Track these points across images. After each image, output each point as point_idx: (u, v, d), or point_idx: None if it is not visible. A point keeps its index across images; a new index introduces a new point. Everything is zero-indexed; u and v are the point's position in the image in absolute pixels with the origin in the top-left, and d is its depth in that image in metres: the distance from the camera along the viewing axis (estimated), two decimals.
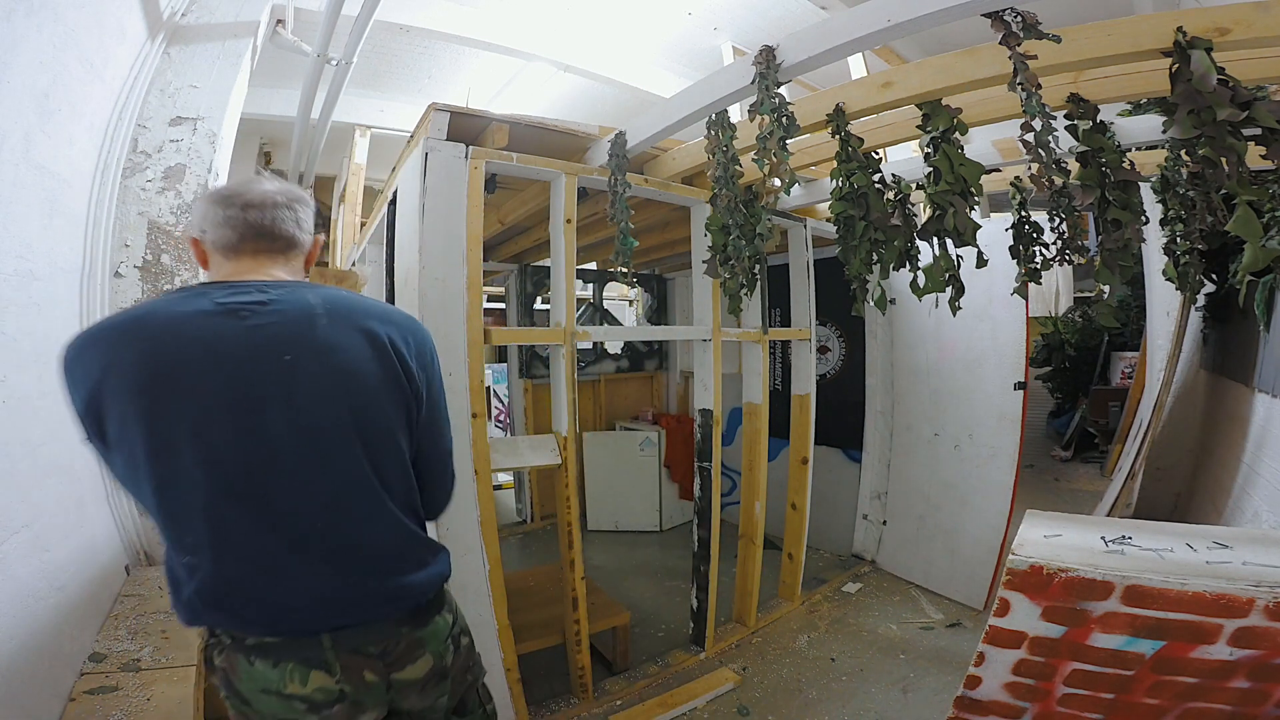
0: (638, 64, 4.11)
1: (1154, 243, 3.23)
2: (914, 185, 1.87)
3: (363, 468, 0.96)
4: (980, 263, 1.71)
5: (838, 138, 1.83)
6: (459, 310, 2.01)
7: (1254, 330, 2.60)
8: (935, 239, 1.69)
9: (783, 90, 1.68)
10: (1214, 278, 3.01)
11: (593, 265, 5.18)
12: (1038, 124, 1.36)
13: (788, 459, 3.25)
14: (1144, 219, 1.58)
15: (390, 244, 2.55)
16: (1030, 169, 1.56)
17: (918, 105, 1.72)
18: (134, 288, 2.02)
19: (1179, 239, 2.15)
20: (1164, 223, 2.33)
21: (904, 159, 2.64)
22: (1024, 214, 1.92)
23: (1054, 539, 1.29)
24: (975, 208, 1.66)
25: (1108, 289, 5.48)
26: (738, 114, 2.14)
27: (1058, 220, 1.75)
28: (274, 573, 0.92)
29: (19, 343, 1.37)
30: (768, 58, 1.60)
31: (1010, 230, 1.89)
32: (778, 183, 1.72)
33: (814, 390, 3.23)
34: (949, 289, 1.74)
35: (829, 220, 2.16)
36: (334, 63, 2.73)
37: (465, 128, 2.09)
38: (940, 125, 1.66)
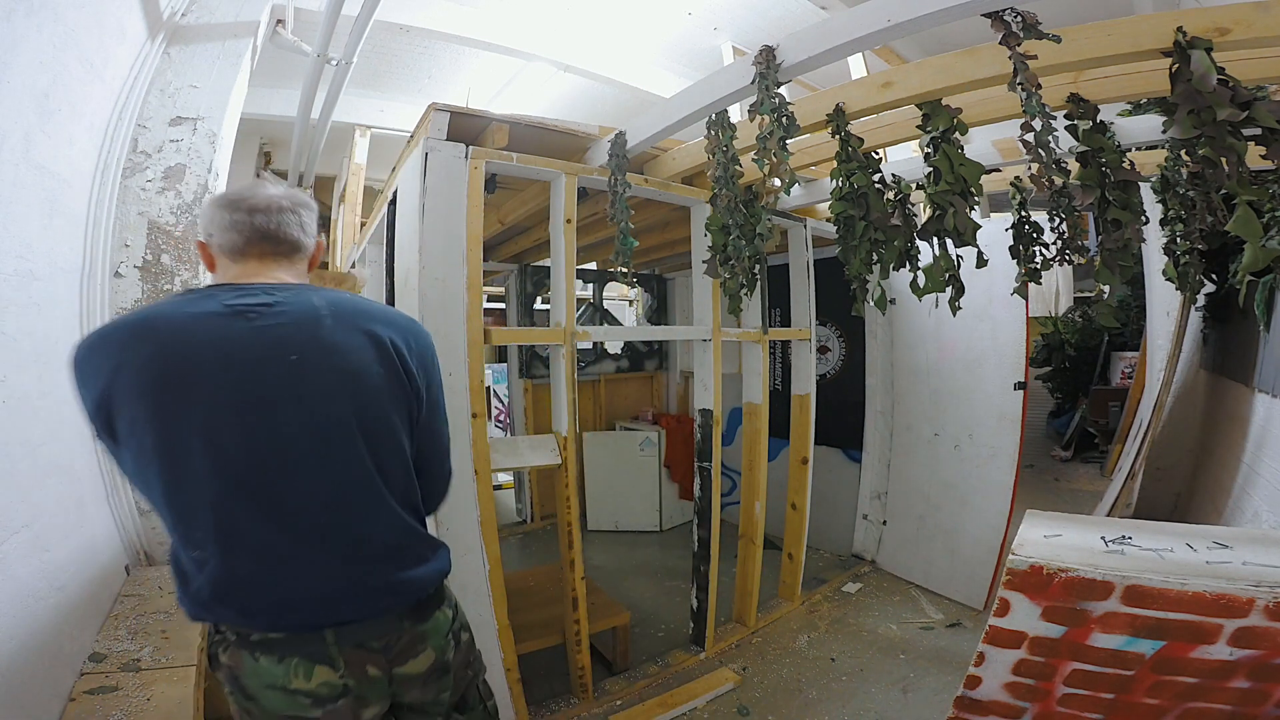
0: (638, 64, 4.11)
1: (1154, 243, 3.23)
2: (914, 185, 1.87)
3: (366, 465, 0.98)
4: (980, 263, 1.71)
5: (838, 138, 1.83)
6: (459, 310, 2.01)
7: (1254, 330, 2.60)
8: (935, 239, 1.69)
9: (783, 90, 1.68)
10: (1214, 278, 3.01)
11: (593, 265, 5.18)
12: (1038, 124, 1.36)
13: (788, 459, 3.24)
14: (1144, 219, 1.58)
15: (390, 244, 2.55)
16: (1030, 169, 1.56)
17: (918, 105, 1.72)
18: (134, 288, 2.02)
19: (1179, 239, 2.15)
20: (1164, 223, 2.33)
21: (904, 159, 2.64)
22: (1024, 214, 1.92)
23: (1054, 539, 1.29)
24: (975, 208, 1.66)
25: (1108, 289, 5.48)
26: (738, 114, 2.14)
27: (1058, 220, 1.75)
28: (279, 568, 0.94)
29: (19, 343, 1.37)
30: (768, 58, 1.60)
31: (1010, 230, 1.89)
32: (778, 183, 1.72)
33: (814, 390, 3.22)
34: (949, 289, 1.74)
35: (829, 220, 2.16)
36: (334, 63, 2.73)
37: (465, 128, 2.09)
38: (940, 125, 1.66)
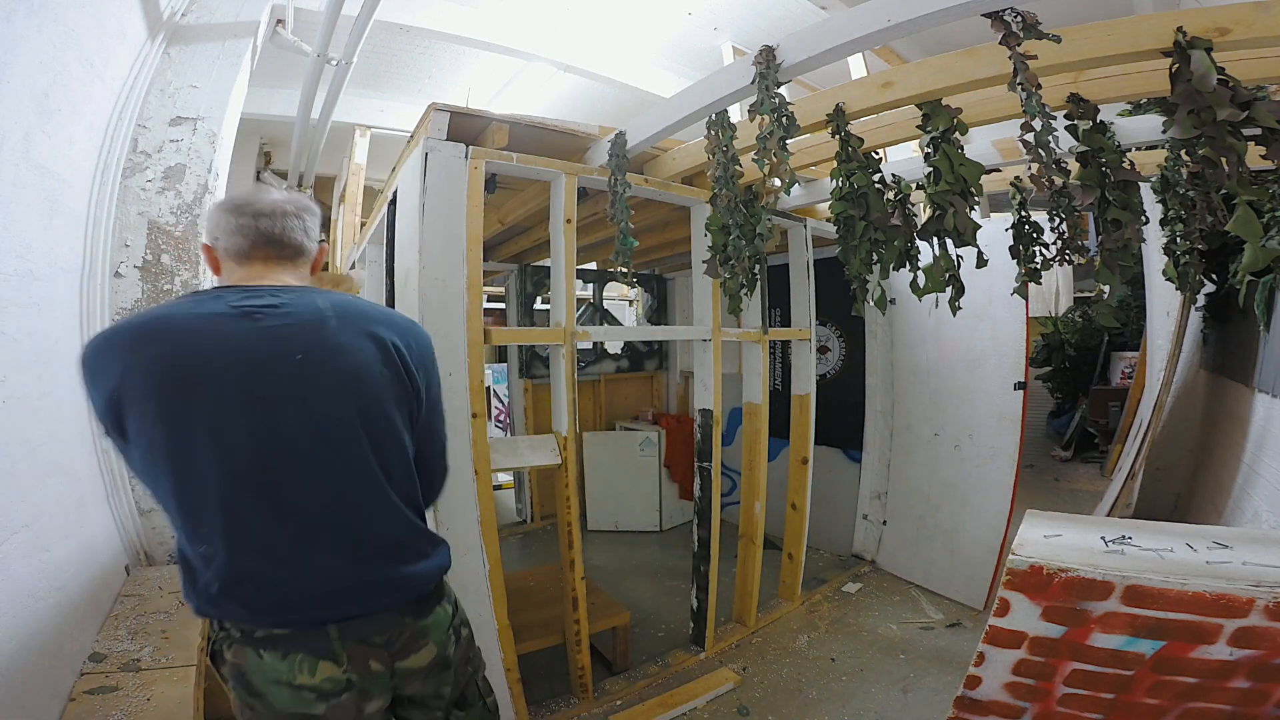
0: (638, 64, 4.11)
1: (1154, 243, 3.23)
2: (914, 185, 1.87)
3: (370, 463, 1.01)
4: (980, 263, 1.71)
5: (838, 138, 1.83)
6: (459, 310, 2.01)
7: (1254, 330, 2.60)
8: (935, 239, 1.69)
9: (783, 90, 1.68)
10: (1214, 278, 3.01)
11: (593, 265, 5.18)
12: (1038, 124, 1.36)
13: (788, 459, 3.24)
14: (1144, 219, 1.58)
15: (390, 244, 2.55)
16: (1030, 169, 1.56)
17: (918, 105, 1.72)
18: (134, 288, 2.01)
19: (1179, 239, 2.15)
20: (1164, 223, 2.33)
21: (904, 159, 2.64)
22: (1024, 214, 1.92)
23: (1054, 539, 1.29)
24: (975, 208, 1.66)
25: (1108, 289, 5.50)
26: (738, 114, 2.14)
27: (1058, 220, 1.75)
28: (285, 564, 0.96)
29: (19, 343, 1.37)
30: (768, 58, 1.60)
31: (1010, 230, 1.89)
32: (778, 183, 1.72)
33: (814, 390, 3.22)
34: (949, 289, 1.74)
35: (829, 220, 2.16)
36: (334, 63, 2.73)
37: (465, 128, 2.09)
38: (940, 125, 1.66)
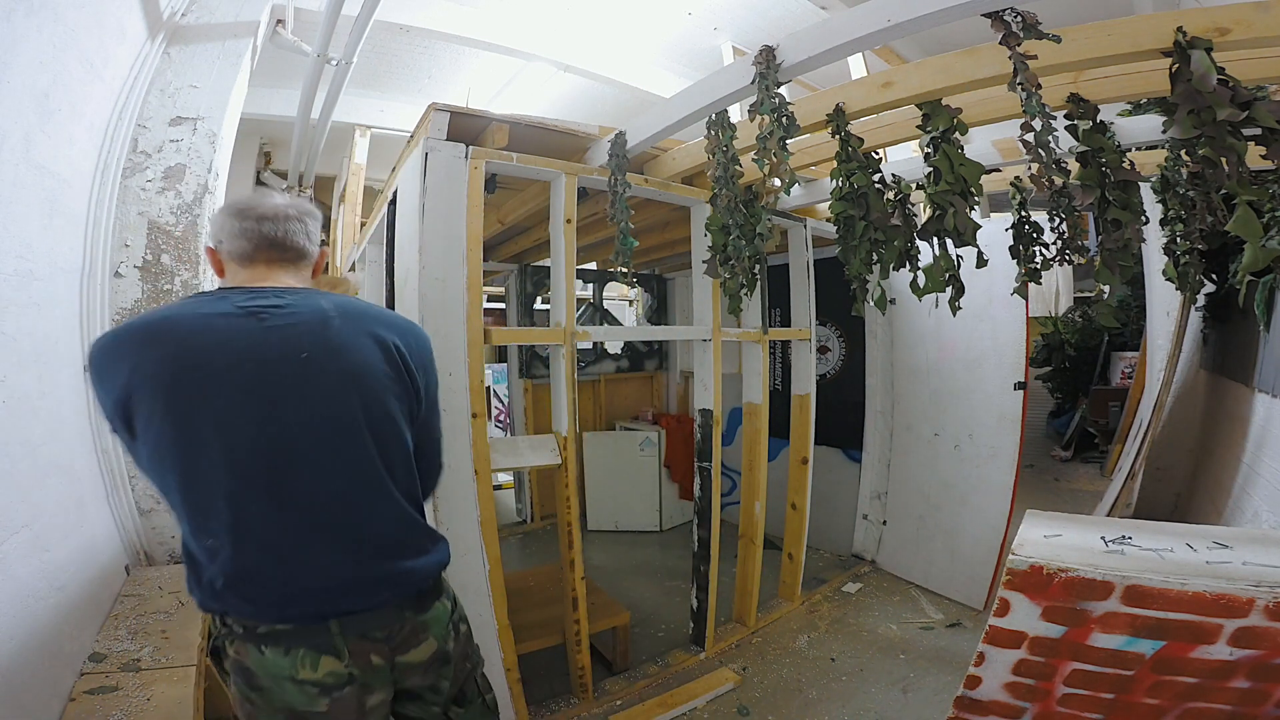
0: (638, 64, 4.11)
1: (1154, 243, 3.23)
2: (914, 185, 1.87)
3: (372, 459, 1.03)
4: (980, 263, 1.71)
5: (838, 138, 1.83)
6: (459, 310, 2.01)
7: (1254, 330, 2.60)
8: (935, 239, 1.68)
9: (783, 90, 1.68)
10: (1214, 278, 3.01)
11: (593, 265, 5.18)
12: (1038, 124, 1.36)
13: (788, 459, 3.24)
14: (1144, 219, 1.58)
15: (390, 244, 2.55)
16: (1030, 169, 1.56)
17: (918, 105, 1.71)
18: (134, 288, 2.01)
19: (1179, 239, 2.14)
20: (1164, 223, 2.33)
21: (904, 159, 2.64)
22: (1024, 214, 1.92)
23: (1054, 539, 1.29)
24: (975, 208, 1.66)
25: (1108, 289, 5.50)
26: (738, 114, 2.14)
27: (1058, 220, 1.75)
28: (289, 559, 0.97)
29: (19, 343, 1.37)
30: (768, 58, 1.60)
31: (1010, 230, 1.89)
32: (778, 183, 1.72)
33: (814, 390, 3.22)
34: (949, 289, 1.74)
35: (829, 220, 2.16)
36: (334, 63, 2.73)
37: (465, 128, 2.09)
38: (940, 125, 1.66)
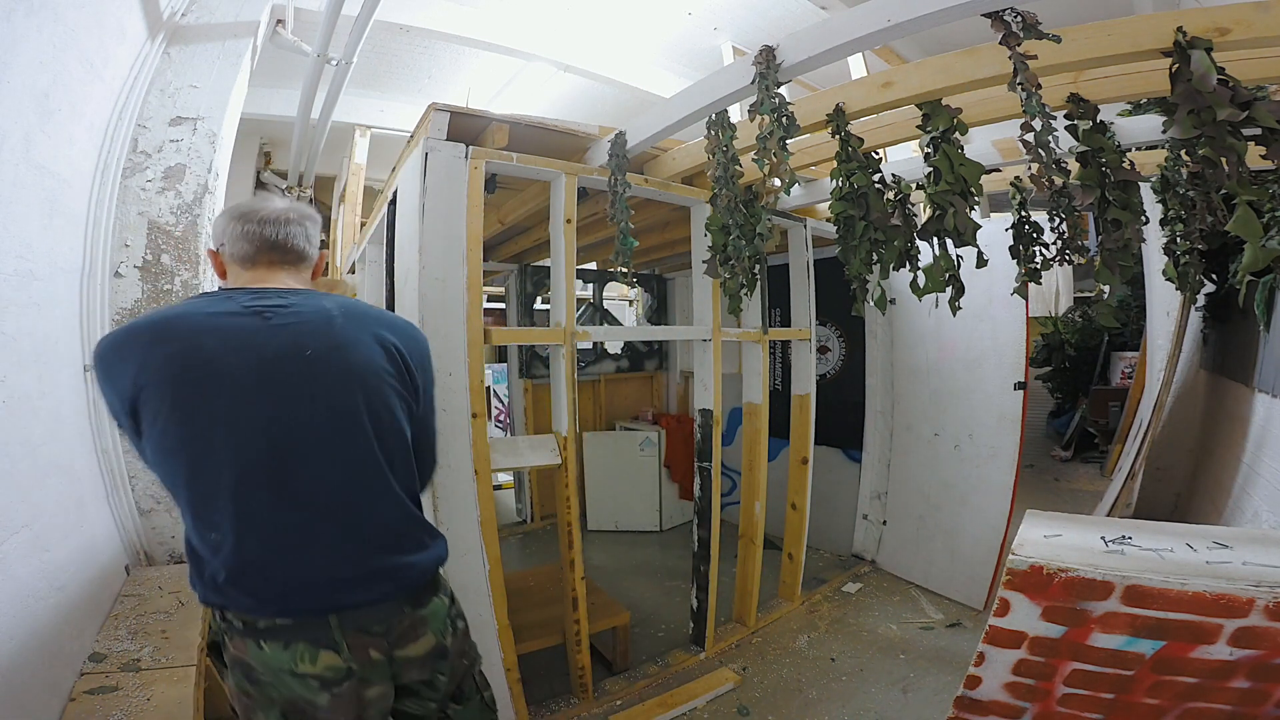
0: (638, 64, 4.11)
1: (1154, 243, 3.23)
2: (914, 185, 1.87)
3: (375, 454, 1.05)
4: (980, 263, 1.71)
5: (838, 138, 1.83)
6: (459, 310, 2.01)
7: (1254, 330, 2.60)
8: (935, 239, 1.68)
9: (783, 90, 1.68)
10: (1214, 278, 3.01)
11: (593, 265, 5.18)
12: (1038, 124, 1.36)
13: (788, 459, 3.24)
14: (1144, 219, 1.58)
15: (390, 244, 2.55)
16: (1030, 169, 1.56)
17: (918, 105, 1.71)
18: (134, 288, 2.01)
19: (1179, 239, 2.14)
20: (1164, 223, 2.33)
21: (904, 159, 2.64)
22: (1024, 214, 1.92)
23: (1054, 539, 1.29)
24: (975, 208, 1.66)
25: (1108, 289, 5.49)
26: (738, 114, 2.14)
27: (1058, 220, 1.75)
28: (291, 551, 0.99)
29: (19, 342, 1.37)
30: (768, 58, 1.60)
31: (1010, 230, 1.89)
32: (778, 183, 1.71)
33: (814, 390, 3.22)
34: (949, 289, 1.74)
35: (829, 220, 2.16)
36: (334, 63, 2.73)
37: (465, 128, 2.09)
38: (940, 125, 1.66)
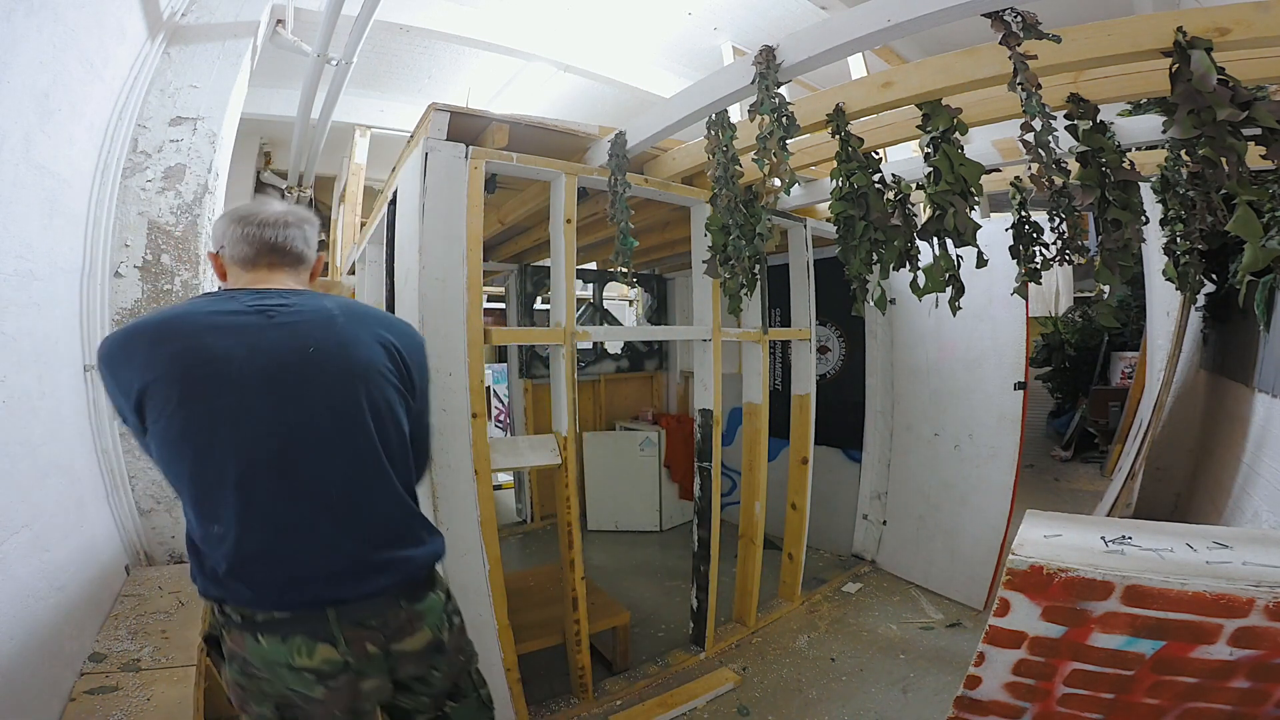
0: (638, 64, 4.11)
1: (1154, 243, 3.23)
2: (914, 185, 1.87)
3: (374, 447, 1.07)
4: (980, 263, 1.71)
5: (838, 138, 1.83)
6: (459, 310, 2.01)
7: (1254, 330, 2.60)
8: (935, 239, 1.68)
9: (783, 90, 1.68)
10: (1214, 278, 3.01)
11: (593, 265, 5.18)
12: (1038, 124, 1.36)
13: (788, 459, 3.24)
14: (1144, 219, 1.58)
15: (390, 244, 2.55)
16: (1030, 169, 1.56)
17: (918, 105, 1.71)
18: (134, 288, 2.02)
19: (1179, 239, 2.14)
20: (1164, 223, 2.33)
21: (904, 159, 2.64)
22: (1024, 214, 1.92)
23: (1054, 539, 1.29)
24: (975, 208, 1.66)
25: (1108, 289, 5.49)
26: (738, 114, 2.14)
27: (1058, 220, 1.75)
28: (292, 544, 1.01)
29: (19, 342, 1.37)
30: (768, 58, 1.60)
31: (1010, 230, 1.89)
32: (778, 183, 1.71)
33: (814, 390, 3.22)
34: (949, 289, 1.74)
35: (829, 220, 2.16)
36: (334, 63, 2.73)
37: (465, 128, 2.08)
38: (940, 125, 1.66)
